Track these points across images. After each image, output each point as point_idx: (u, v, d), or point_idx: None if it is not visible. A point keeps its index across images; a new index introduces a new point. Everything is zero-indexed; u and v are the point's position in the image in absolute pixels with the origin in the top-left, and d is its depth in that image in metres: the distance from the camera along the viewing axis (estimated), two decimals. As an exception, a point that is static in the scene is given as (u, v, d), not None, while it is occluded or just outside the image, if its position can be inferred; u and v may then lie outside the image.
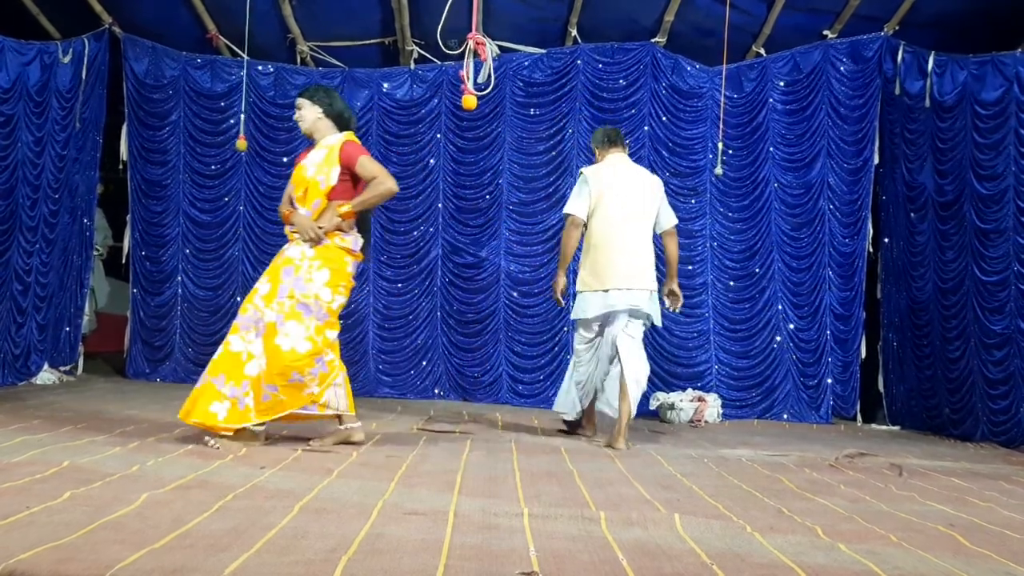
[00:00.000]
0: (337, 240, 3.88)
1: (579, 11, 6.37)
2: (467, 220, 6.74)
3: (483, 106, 6.65)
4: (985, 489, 3.64)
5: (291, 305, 3.77)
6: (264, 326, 3.76)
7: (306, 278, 3.80)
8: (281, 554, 2.04)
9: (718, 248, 6.53)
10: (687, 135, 6.55)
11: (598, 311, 4.51)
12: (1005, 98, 5.38)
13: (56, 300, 6.58)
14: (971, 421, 5.51)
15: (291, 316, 3.75)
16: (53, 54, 6.27)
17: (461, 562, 2.05)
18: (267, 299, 3.80)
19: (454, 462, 3.66)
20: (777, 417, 6.35)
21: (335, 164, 3.87)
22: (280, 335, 3.73)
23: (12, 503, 2.41)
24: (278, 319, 3.76)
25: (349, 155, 3.88)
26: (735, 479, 3.60)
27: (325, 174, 3.87)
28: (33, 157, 6.15)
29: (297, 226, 3.89)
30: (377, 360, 6.81)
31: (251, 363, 3.73)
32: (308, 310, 3.77)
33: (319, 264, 3.83)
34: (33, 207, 6.20)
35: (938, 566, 2.25)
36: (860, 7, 6.09)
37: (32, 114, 6.13)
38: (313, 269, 3.82)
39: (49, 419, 4.37)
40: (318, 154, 3.93)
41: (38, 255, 6.31)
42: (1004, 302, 5.29)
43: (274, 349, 3.72)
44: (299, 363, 3.73)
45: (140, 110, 6.91)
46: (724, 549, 2.31)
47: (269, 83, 6.93)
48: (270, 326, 3.75)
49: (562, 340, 6.56)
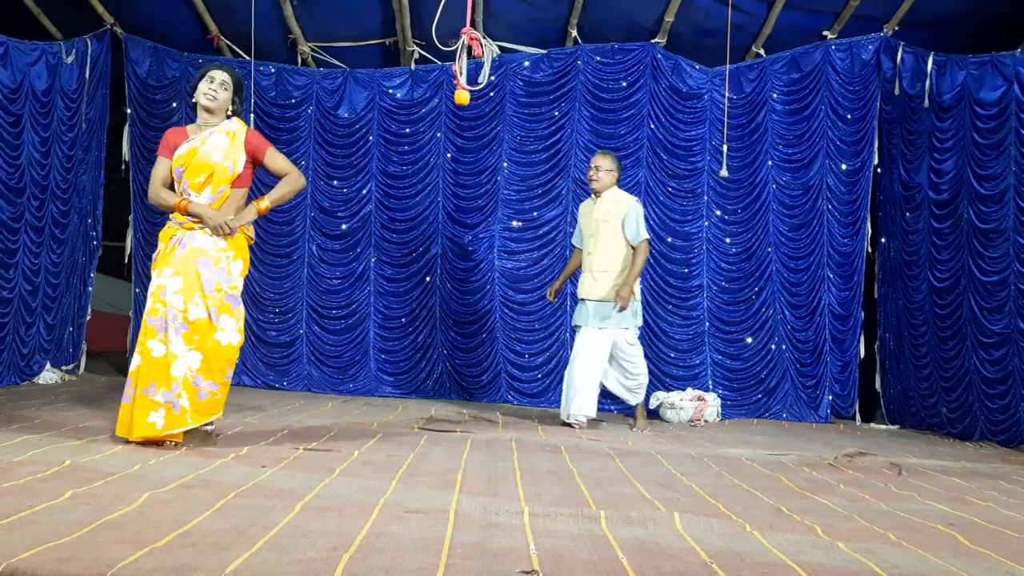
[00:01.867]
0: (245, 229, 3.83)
1: (579, 11, 6.38)
2: (467, 219, 6.75)
3: (483, 106, 6.67)
4: (984, 488, 3.65)
5: (220, 298, 3.66)
6: (187, 324, 3.60)
7: (227, 269, 3.71)
8: (282, 552, 2.05)
9: (715, 250, 6.53)
10: (686, 136, 6.56)
11: None
12: (1005, 98, 5.38)
13: (64, 300, 6.63)
14: (969, 420, 5.51)
15: (223, 310, 3.66)
16: (57, 54, 6.28)
17: (462, 560, 2.06)
18: (184, 294, 3.62)
19: (455, 461, 3.67)
20: (776, 417, 6.36)
21: (241, 152, 3.75)
22: (219, 330, 3.65)
23: (14, 502, 2.42)
24: (212, 313, 3.65)
25: (256, 146, 3.80)
26: (735, 478, 3.61)
27: (233, 161, 3.74)
28: (40, 158, 6.18)
29: (205, 218, 3.67)
30: (378, 359, 6.82)
31: (176, 364, 3.58)
32: (236, 301, 3.72)
33: (234, 255, 3.74)
34: (41, 208, 6.22)
35: (937, 565, 2.25)
36: (860, 7, 6.09)
37: (38, 114, 6.15)
38: (230, 260, 3.72)
39: (51, 419, 4.38)
40: (220, 139, 3.74)
41: (47, 255, 6.34)
42: (1004, 302, 5.29)
43: (216, 345, 3.63)
44: (235, 357, 3.71)
45: (142, 110, 6.92)
46: (724, 548, 2.32)
47: (270, 83, 6.94)
48: (203, 323, 3.62)
49: (560, 339, 6.57)
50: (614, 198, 5.32)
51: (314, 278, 6.90)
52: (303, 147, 6.92)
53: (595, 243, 5.31)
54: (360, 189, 6.89)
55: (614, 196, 5.33)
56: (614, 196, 5.33)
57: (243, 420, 4.71)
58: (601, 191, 5.33)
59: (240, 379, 6.82)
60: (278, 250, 6.95)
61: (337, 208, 6.91)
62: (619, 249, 5.23)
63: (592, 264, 5.30)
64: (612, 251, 5.24)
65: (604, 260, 5.25)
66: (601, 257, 5.26)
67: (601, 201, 5.33)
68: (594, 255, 5.30)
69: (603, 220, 5.26)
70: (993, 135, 5.43)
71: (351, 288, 6.88)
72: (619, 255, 5.23)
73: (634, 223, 5.19)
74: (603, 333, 5.20)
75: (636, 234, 5.20)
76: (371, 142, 6.87)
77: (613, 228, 5.24)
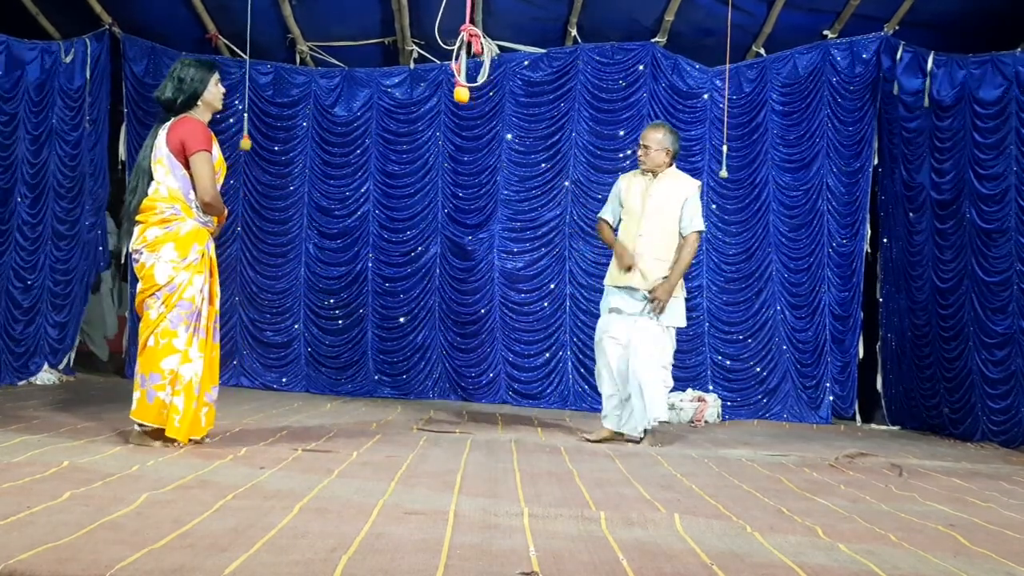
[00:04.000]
0: None
1: (579, 11, 6.37)
2: (466, 219, 6.74)
3: (482, 105, 6.66)
4: (985, 489, 3.65)
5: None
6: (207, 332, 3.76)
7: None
8: (281, 554, 2.04)
9: (714, 251, 6.52)
10: (685, 137, 6.53)
11: None
12: (1005, 97, 5.38)
13: (75, 300, 6.68)
14: (971, 421, 5.51)
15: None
16: (55, 54, 6.28)
17: (461, 562, 2.05)
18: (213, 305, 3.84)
19: (454, 462, 3.66)
20: (777, 417, 6.35)
21: None
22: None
23: (12, 503, 2.41)
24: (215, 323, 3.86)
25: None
26: (735, 479, 3.60)
27: None
28: (31, 157, 6.18)
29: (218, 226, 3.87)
30: (376, 360, 6.80)
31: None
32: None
33: None
34: (35, 205, 6.22)
35: (938, 566, 2.25)
36: (860, 7, 6.09)
37: (33, 113, 6.15)
38: None
39: (49, 419, 4.37)
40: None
41: (50, 253, 6.36)
42: (1006, 302, 5.29)
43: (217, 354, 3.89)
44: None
45: (140, 110, 6.90)
46: (724, 549, 2.31)
47: (268, 83, 6.93)
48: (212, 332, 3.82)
49: (560, 340, 6.55)
50: (675, 179, 4.74)
51: (311, 278, 6.88)
52: (301, 146, 6.91)
53: (647, 226, 4.65)
54: (358, 188, 6.88)
55: (674, 176, 4.75)
56: (674, 176, 4.75)
57: (241, 421, 4.70)
58: (653, 169, 4.70)
59: (238, 380, 6.82)
60: (275, 249, 6.93)
61: (335, 207, 6.90)
62: (674, 236, 4.65)
63: (644, 248, 4.63)
64: (669, 239, 4.64)
65: (659, 247, 4.63)
66: (655, 243, 4.63)
67: (658, 181, 4.70)
68: (646, 239, 4.64)
69: (664, 201, 4.65)
70: (993, 134, 5.43)
71: (349, 288, 6.86)
72: (673, 244, 4.65)
73: (692, 210, 4.64)
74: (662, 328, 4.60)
75: (690, 223, 4.64)
76: (369, 141, 6.85)
77: (671, 213, 4.64)
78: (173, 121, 3.69)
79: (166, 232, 3.61)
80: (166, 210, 3.62)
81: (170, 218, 3.62)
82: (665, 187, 4.68)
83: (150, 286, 3.61)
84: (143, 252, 3.63)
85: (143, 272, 3.64)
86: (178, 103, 3.68)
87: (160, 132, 3.69)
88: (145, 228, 3.63)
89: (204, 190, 3.61)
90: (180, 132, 3.63)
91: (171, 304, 3.59)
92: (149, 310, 3.63)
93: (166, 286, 3.59)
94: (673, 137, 4.73)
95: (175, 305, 3.59)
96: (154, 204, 3.63)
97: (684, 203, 4.64)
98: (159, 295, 3.60)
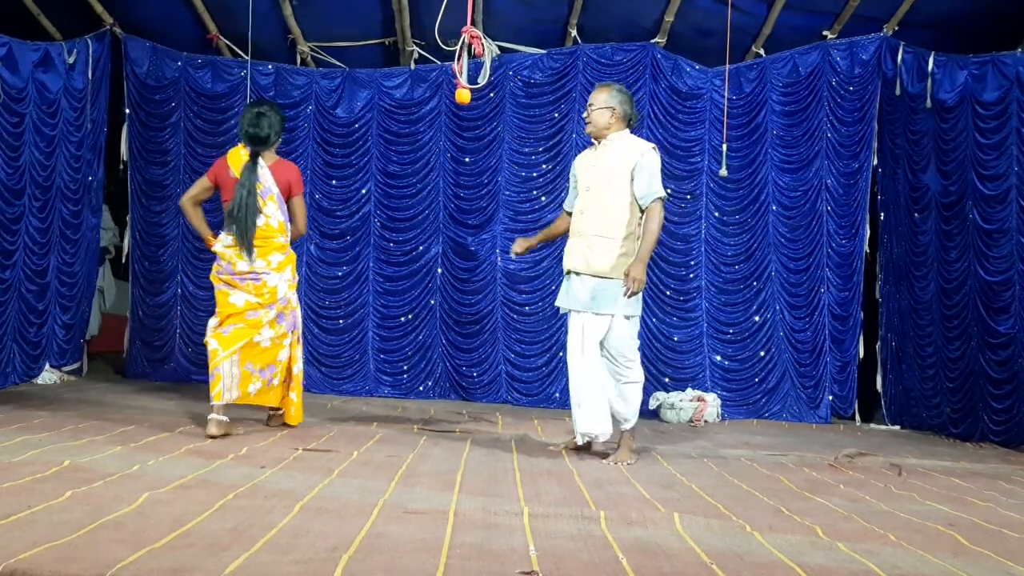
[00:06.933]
0: None
1: (579, 12, 6.37)
2: (466, 219, 6.75)
3: (483, 106, 6.66)
4: (984, 489, 3.65)
5: None
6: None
7: None
8: (281, 553, 2.04)
9: (713, 252, 6.53)
10: (685, 137, 6.55)
11: None
12: (1006, 98, 5.39)
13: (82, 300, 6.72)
14: (972, 421, 5.51)
15: None
16: (59, 55, 6.29)
17: (461, 561, 2.05)
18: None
19: (454, 461, 3.67)
20: (776, 417, 6.35)
21: None
22: None
23: (13, 502, 2.42)
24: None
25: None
26: (735, 479, 3.61)
27: None
28: (43, 159, 6.19)
29: None
30: (377, 359, 6.81)
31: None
32: None
33: None
34: (44, 208, 6.23)
35: (937, 566, 2.25)
36: (860, 7, 6.09)
37: (44, 115, 6.17)
38: None
39: (50, 419, 4.37)
40: None
41: (57, 255, 6.38)
42: (1009, 302, 5.30)
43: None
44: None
45: (141, 110, 6.91)
46: (723, 548, 2.31)
47: (269, 83, 6.93)
48: None
49: (560, 340, 6.55)
50: (622, 143, 4.00)
51: (313, 278, 6.88)
52: (302, 147, 6.91)
53: (589, 200, 3.98)
54: (359, 189, 6.88)
55: (622, 141, 4.01)
56: (622, 141, 4.01)
57: (241, 420, 4.70)
58: (596, 135, 4.03)
59: (239, 379, 6.81)
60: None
61: (336, 208, 6.90)
62: (623, 209, 3.90)
63: (584, 227, 3.97)
64: (615, 211, 3.91)
65: (602, 223, 3.92)
66: (596, 219, 3.94)
67: (603, 147, 4.03)
68: (587, 215, 3.96)
69: (609, 170, 3.95)
70: (995, 135, 5.43)
71: (350, 288, 6.87)
72: (623, 217, 3.89)
73: (647, 175, 3.88)
74: (601, 320, 3.90)
75: (648, 190, 3.87)
76: (370, 142, 6.86)
77: (618, 181, 3.92)
78: (275, 161, 4.38)
79: (286, 256, 4.36)
80: (281, 238, 4.34)
81: (284, 244, 4.36)
82: (612, 154, 3.98)
83: (271, 301, 4.26)
84: (270, 273, 4.28)
85: (265, 289, 4.26)
86: (270, 142, 4.34)
87: (262, 170, 4.28)
88: (268, 252, 4.28)
89: (303, 226, 4.46)
90: (287, 175, 4.36)
91: (287, 315, 4.37)
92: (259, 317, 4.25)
93: (282, 299, 4.31)
94: (622, 97, 4.00)
95: (289, 314, 4.37)
96: (273, 233, 4.30)
97: (634, 168, 3.90)
98: (273, 307, 4.27)
